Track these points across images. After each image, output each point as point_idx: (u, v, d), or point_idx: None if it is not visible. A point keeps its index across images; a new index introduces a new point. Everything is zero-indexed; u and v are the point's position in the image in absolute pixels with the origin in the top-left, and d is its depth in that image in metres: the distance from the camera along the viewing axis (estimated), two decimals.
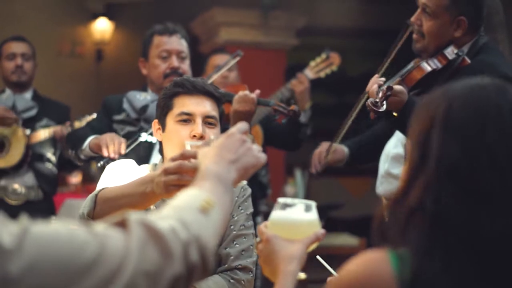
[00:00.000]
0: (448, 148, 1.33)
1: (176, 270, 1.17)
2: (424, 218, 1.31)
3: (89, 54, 8.34)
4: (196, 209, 1.30)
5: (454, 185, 1.31)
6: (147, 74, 3.78)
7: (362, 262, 1.35)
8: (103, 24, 8.27)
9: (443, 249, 1.29)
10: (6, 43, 4.76)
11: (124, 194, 2.04)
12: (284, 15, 6.89)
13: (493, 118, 1.34)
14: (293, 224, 1.74)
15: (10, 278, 1.01)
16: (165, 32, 3.72)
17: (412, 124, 1.42)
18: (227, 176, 1.50)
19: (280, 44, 7.01)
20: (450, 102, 1.37)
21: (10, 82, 4.68)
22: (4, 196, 4.50)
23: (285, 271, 1.65)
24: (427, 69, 2.90)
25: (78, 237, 1.10)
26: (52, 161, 4.62)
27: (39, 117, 4.65)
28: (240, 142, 1.60)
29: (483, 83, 1.40)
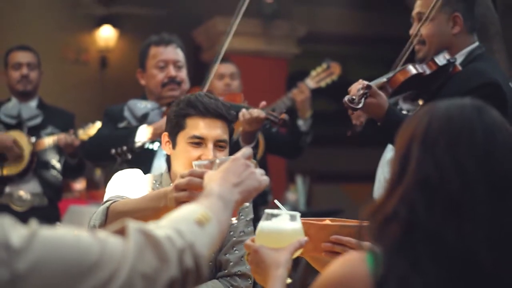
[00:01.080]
0: (424, 162, 1.43)
1: (172, 274, 1.26)
2: (398, 226, 1.41)
3: (94, 61, 8.42)
4: (192, 221, 1.40)
5: (426, 197, 1.41)
6: (145, 84, 3.86)
7: (342, 262, 1.47)
8: (107, 31, 8.35)
9: (412, 251, 1.39)
10: (12, 53, 4.84)
11: (137, 209, 2.11)
12: (285, 24, 6.96)
13: (466, 137, 1.43)
14: (279, 233, 1.87)
15: (18, 275, 1.10)
16: (161, 42, 3.81)
17: (397, 138, 1.52)
18: (229, 197, 1.63)
19: (281, 52, 7.08)
20: (430, 120, 1.47)
21: (16, 91, 4.76)
22: (9, 203, 4.58)
23: (274, 276, 1.80)
24: (411, 72, 2.95)
25: (83, 241, 1.20)
26: (56, 168, 4.70)
27: (44, 125, 4.73)
28: (244, 167, 1.73)
29: (463, 103, 1.50)
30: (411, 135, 1.48)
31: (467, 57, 3.05)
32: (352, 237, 1.97)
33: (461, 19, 3.00)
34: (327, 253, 2.01)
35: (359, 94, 2.73)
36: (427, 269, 1.37)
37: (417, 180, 1.42)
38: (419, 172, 1.43)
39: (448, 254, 1.38)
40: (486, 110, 1.49)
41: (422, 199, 1.41)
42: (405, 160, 1.46)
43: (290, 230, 1.88)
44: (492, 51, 3.51)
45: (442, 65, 2.95)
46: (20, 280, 1.11)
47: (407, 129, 1.50)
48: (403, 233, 1.41)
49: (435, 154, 1.43)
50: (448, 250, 1.38)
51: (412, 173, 1.43)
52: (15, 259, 1.11)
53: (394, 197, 1.44)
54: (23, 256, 1.12)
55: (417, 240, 1.39)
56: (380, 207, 1.47)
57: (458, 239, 1.38)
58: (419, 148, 1.45)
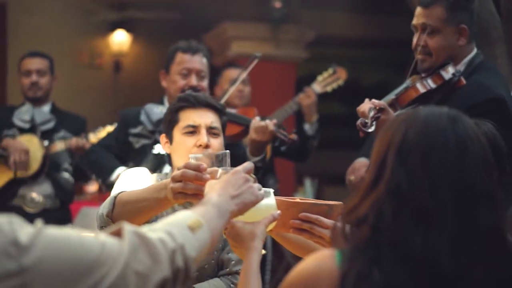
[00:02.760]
0: (397, 171, 1.49)
1: (164, 274, 1.37)
2: (366, 229, 1.49)
3: (107, 66, 8.49)
4: (185, 226, 1.51)
5: (395, 205, 1.48)
6: (166, 87, 3.95)
7: (312, 258, 1.55)
8: (121, 36, 8.43)
9: (375, 251, 1.46)
10: (23, 59, 4.95)
11: (141, 199, 2.19)
12: (293, 28, 7.02)
13: (439, 147, 1.49)
14: (254, 208, 1.95)
15: (24, 268, 1.22)
16: (188, 50, 3.87)
17: (375, 143, 1.59)
18: (225, 207, 1.75)
19: (290, 57, 7.14)
20: (406, 128, 1.53)
21: (27, 98, 4.87)
22: (22, 204, 4.68)
23: (250, 247, 1.95)
24: (421, 91, 2.99)
25: (85, 240, 1.31)
26: (69, 171, 4.80)
27: (57, 129, 4.83)
28: (243, 180, 1.85)
29: (438, 112, 1.56)
30: (388, 142, 1.54)
31: (468, 66, 3.07)
32: (322, 216, 2.05)
33: (466, 30, 3.03)
34: (295, 230, 2.09)
35: (371, 116, 2.78)
36: (386, 267, 1.45)
37: (389, 188, 1.49)
38: (392, 181, 1.49)
39: (410, 258, 1.45)
40: (461, 120, 1.54)
41: (391, 207, 1.48)
42: (381, 167, 1.53)
43: (264, 205, 1.99)
44: (495, 56, 3.55)
45: (448, 79, 2.98)
46: (26, 273, 1.22)
47: (385, 136, 1.57)
48: (370, 236, 1.49)
49: (408, 165, 1.49)
50: (411, 255, 1.45)
51: (386, 181, 1.50)
52: (22, 255, 1.22)
53: (367, 202, 1.52)
54: (29, 252, 1.23)
55: (382, 243, 1.46)
56: (353, 209, 1.55)
57: (421, 246, 1.44)
58: (395, 157, 1.51)
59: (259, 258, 1.95)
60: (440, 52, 3.03)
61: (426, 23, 3.03)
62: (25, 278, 1.22)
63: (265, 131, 3.55)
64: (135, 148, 3.84)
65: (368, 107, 2.83)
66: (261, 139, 3.58)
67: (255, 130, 3.56)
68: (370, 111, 2.80)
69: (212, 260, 2.67)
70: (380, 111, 2.81)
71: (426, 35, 3.03)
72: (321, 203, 2.12)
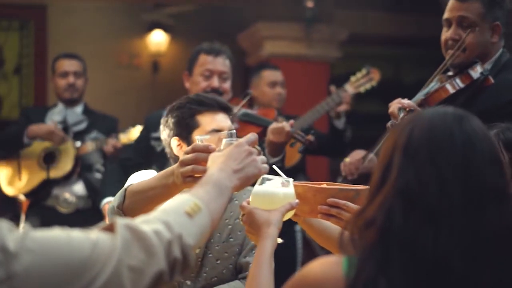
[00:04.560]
0: (404, 171, 1.48)
1: (160, 266, 1.35)
2: (375, 231, 1.48)
3: (146, 66, 8.54)
4: (182, 213, 1.50)
5: (404, 205, 1.46)
6: (189, 88, 3.98)
7: (319, 263, 1.54)
8: (158, 36, 8.48)
9: (384, 255, 1.45)
10: (58, 60, 5.01)
11: (150, 187, 2.20)
12: (327, 28, 6.98)
13: (446, 147, 1.48)
14: (271, 196, 1.98)
15: (13, 275, 1.21)
16: (211, 52, 3.91)
17: (382, 146, 1.60)
18: (227, 184, 1.71)
19: (323, 56, 7.10)
20: (412, 129, 1.52)
21: (63, 99, 4.94)
22: (56, 205, 4.77)
23: (265, 234, 1.92)
24: (451, 91, 2.96)
25: (74, 240, 1.30)
26: (101, 171, 4.86)
27: (89, 130, 4.90)
28: (246, 153, 1.81)
29: (445, 112, 1.55)
30: (394, 143, 1.53)
31: (495, 65, 3.05)
32: (349, 201, 2.05)
33: (500, 28, 3.01)
34: (323, 216, 2.09)
35: (401, 117, 2.76)
36: (394, 274, 1.43)
37: (397, 188, 1.48)
38: (400, 181, 1.48)
39: (420, 261, 1.43)
40: (467, 119, 1.53)
41: (400, 207, 1.46)
42: (387, 168, 1.52)
43: (282, 194, 1.99)
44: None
45: (476, 78, 2.96)
46: (15, 279, 1.21)
47: (391, 138, 1.56)
48: (378, 238, 1.47)
49: (416, 164, 1.48)
50: (421, 256, 1.43)
51: (393, 181, 1.49)
52: (10, 261, 1.21)
53: (374, 204, 1.50)
54: (17, 258, 1.22)
55: (391, 245, 1.45)
56: (360, 213, 1.54)
57: (432, 246, 1.42)
58: (401, 157, 1.50)
59: (273, 246, 1.92)
60: (474, 48, 3.00)
61: (464, 15, 2.99)
62: (14, 284, 1.21)
63: (282, 132, 3.58)
64: (157, 151, 3.88)
65: (398, 108, 2.81)
66: (278, 140, 3.61)
67: (272, 132, 3.60)
68: (400, 112, 2.78)
69: (230, 265, 2.69)
70: (410, 112, 2.78)
71: (461, 29, 2.99)
72: (349, 189, 2.12)
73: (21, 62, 8.19)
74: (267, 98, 4.98)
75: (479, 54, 3.01)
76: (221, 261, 2.69)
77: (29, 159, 4.80)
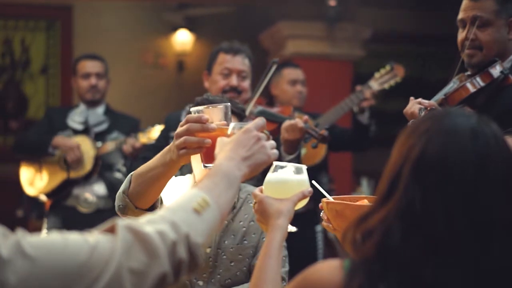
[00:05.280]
0: (410, 190, 1.41)
1: (163, 268, 1.32)
2: (372, 246, 1.43)
3: (171, 66, 8.57)
4: (190, 210, 1.46)
5: (404, 227, 1.40)
6: (208, 87, 3.98)
7: (319, 266, 1.52)
8: (183, 36, 8.50)
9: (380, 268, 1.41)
10: (81, 61, 5.02)
11: (151, 167, 2.21)
12: (349, 26, 6.93)
13: (456, 169, 1.40)
14: (284, 184, 1.95)
15: (6, 283, 1.18)
16: (230, 51, 3.90)
17: (392, 152, 1.51)
18: (236, 173, 1.66)
19: (346, 55, 7.05)
20: (427, 142, 1.44)
21: (85, 100, 4.96)
22: (76, 205, 4.78)
23: (274, 225, 1.88)
24: (471, 90, 2.90)
25: (70, 244, 1.27)
26: (122, 171, 4.87)
27: (110, 130, 4.90)
28: (255, 139, 1.75)
29: (462, 125, 1.45)
30: (406, 155, 1.45)
31: None
32: None
33: None
34: None
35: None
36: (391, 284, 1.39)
37: (400, 208, 1.42)
38: (404, 201, 1.42)
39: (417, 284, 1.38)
40: (483, 135, 1.44)
41: (399, 228, 1.41)
42: (394, 180, 1.45)
43: (295, 181, 1.96)
44: None
45: (496, 77, 2.90)
46: (8, 287, 1.18)
47: (403, 147, 1.48)
48: (376, 256, 1.42)
49: (423, 183, 1.41)
50: (418, 282, 1.37)
51: (398, 198, 1.43)
52: (4, 270, 1.18)
53: (377, 216, 1.45)
54: (12, 266, 1.19)
55: (388, 263, 1.40)
56: (364, 218, 1.49)
57: (431, 275, 1.37)
58: (410, 173, 1.43)
59: (282, 237, 1.88)
60: (491, 46, 2.94)
61: (477, 15, 2.93)
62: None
63: (295, 129, 3.55)
64: None
65: (418, 108, 2.76)
66: (293, 137, 3.58)
67: (285, 129, 3.57)
68: (421, 112, 2.73)
69: (244, 267, 2.68)
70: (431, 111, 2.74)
71: (476, 28, 2.94)
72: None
73: (48, 62, 8.27)
74: (287, 97, 4.97)
75: (497, 53, 2.95)
76: (235, 263, 2.68)
77: (50, 160, 4.83)
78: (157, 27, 8.45)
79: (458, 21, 3.03)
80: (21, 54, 8.18)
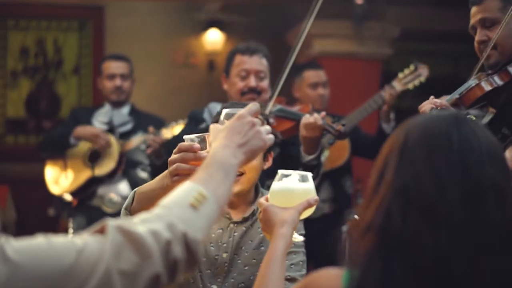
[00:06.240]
0: (401, 171, 1.45)
1: (155, 269, 1.29)
2: (373, 236, 1.43)
3: (202, 65, 8.58)
4: (186, 206, 1.43)
5: (402, 205, 1.42)
6: (227, 90, 3.97)
7: (318, 275, 1.51)
8: (214, 35, 8.51)
9: (385, 262, 1.41)
10: (106, 62, 5.06)
11: (151, 189, 2.23)
12: (377, 25, 6.87)
13: (443, 146, 1.45)
14: (289, 192, 1.94)
15: None
16: (246, 52, 3.88)
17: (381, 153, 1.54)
18: (232, 162, 1.62)
19: (374, 53, 6.98)
20: (408, 132, 1.49)
21: (110, 101, 4.99)
22: (101, 205, 4.83)
23: (277, 234, 1.87)
24: (487, 88, 2.85)
25: (56, 247, 1.25)
26: (146, 170, 4.89)
27: (135, 130, 4.94)
28: (249, 125, 1.71)
29: (440, 115, 1.53)
30: (390, 147, 1.51)
31: None
32: None
33: None
34: None
35: None
36: (397, 283, 1.39)
37: (394, 188, 1.44)
38: (396, 181, 1.45)
39: (422, 263, 1.39)
40: (465, 121, 1.50)
41: (398, 207, 1.42)
42: (382, 171, 1.48)
43: (300, 189, 1.95)
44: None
45: None
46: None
47: (388, 142, 1.53)
48: (378, 243, 1.43)
49: (412, 163, 1.45)
50: (422, 258, 1.39)
51: (389, 182, 1.45)
52: None
53: (371, 207, 1.47)
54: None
55: (392, 249, 1.41)
56: (359, 221, 1.49)
57: (432, 245, 1.39)
58: (397, 158, 1.47)
59: (285, 245, 1.87)
60: (504, 43, 2.88)
61: (484, 16, 2.90)
62: None
63: (314, 127, 3.47)
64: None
65: (430, 108, 2.73)
66: (312, 135, 3.49)
67: (304, 127, 3.49)
68: (432, 111, 2.68)
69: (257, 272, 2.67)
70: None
71: (486, 29, 2.90)
72: None
73: (80, 62, 8.34)
74: (309, 100, 4.94)
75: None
76: (249, 267, 2.67)
77: (75, 158, 4.87)
78: (188, 27, 8.47)
79: (470, 29, 3.01)
80: (53, 54, 8.26)
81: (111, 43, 8.22)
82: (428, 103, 2.77)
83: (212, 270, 2.67)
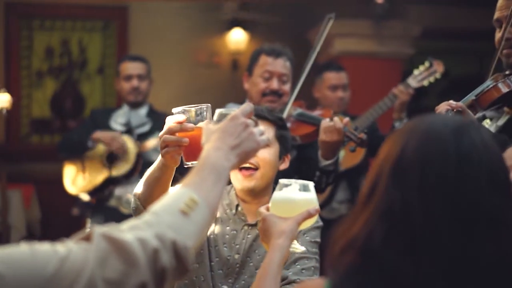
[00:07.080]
0: (390, 191, 1.37)
1: (142, 277, 1.28)
2: (354, 253, 1.38)
3: (225, 64, 8.58)
4: (176, 212, 1.41)
5: (386, 228, 1.35)
6: (248, 89, 3.94)
7: (303, 286, 1.50)
8: (238, 34, 8.50)
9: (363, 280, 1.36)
10: (123, 63, 5.07)
11: (151, 172, 2.29)
12: (398, 24, 6.81)
13: (438, 171, 1.35)
14: (289, 202, 1.92)
15: None
16: (272, 53, 3.85)
17: (376, 158, 1.47)
18: (224, 164, 1.60)
19: (395, 53, 6.93)
20: (406, 143, 1.40)
21: (127, 102, 5.01)
22: (119, 205, 4.84)
23: (274, 244, 1.84)
24: (504, 90, 2.78)
25: (39, 256, 1.24)
26: None
27: (152, 131, 4.94)
28: (242, 127, 1.69)
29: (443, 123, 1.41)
30: (385, 157, 1.42)
31: None
32: None
33: None
34: None
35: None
36: None
37: (380, 209, 1.38)
38: (384, 202, 1.38)
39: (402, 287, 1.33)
40: (467, 130, 1.39)
41: (381, 230, 1.36)
42: (374, 185, 1.41)
43: (300, 199, 1.92)
44: None
45: None
46: None
47: (384, 149, 1.45)
48: (358, 261, 1.37)
49: (403, 186, 1.36)
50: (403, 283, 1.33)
51: (378, 200, 1.39)
52: None
53: (357, 225, 1.41)
54: None
55: (370, 273, 1.35)
56: (345, 231, 1.44)
57: (413, 275, 1.32)
58: (389, 175, 1.39)
59: (281, 257, 1.84)
60: None
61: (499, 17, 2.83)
62: None
63: (333, 131, 3.41)
64: None
65: (445, 109, 2.68)
66: (331, 140, 3.43)
67: (324, 130, 3.43)
68: (448, 113, 2.65)
69: None
70: (458, 113, 2.65)
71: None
72: None
73: (104, 62, 8.38)
74: (328, 102, 4.92)
75: None
76: None
77: (93, 159, 4.90)
78: (211, 26, 8.47)
79: (494, 21, 2.91)
80: (78, 54, 8.31)
81: (135, 43, 8.25)
82: (444, 105, 2.71)
83: (223, 271, 2.68)
